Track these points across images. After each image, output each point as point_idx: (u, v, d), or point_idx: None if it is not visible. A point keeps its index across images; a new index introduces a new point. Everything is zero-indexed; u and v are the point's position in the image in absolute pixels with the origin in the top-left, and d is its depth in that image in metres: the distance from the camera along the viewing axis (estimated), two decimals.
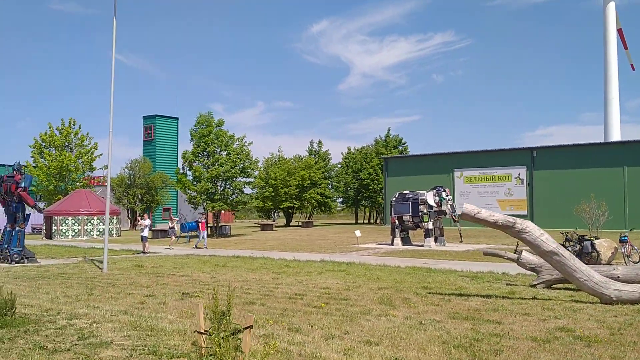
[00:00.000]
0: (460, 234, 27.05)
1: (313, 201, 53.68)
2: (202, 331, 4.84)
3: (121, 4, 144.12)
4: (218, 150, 36.01)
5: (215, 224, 37.17)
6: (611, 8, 57.56)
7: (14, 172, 20.19)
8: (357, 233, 27.46)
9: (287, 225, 56.04)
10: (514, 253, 13.45)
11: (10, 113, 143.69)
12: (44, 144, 45.24)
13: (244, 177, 36.18)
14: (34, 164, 44.51)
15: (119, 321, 7.85)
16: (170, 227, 25.11)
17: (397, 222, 26.82)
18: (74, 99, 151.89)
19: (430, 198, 26.02)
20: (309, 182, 52.45)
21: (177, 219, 26.41)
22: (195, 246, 25.79)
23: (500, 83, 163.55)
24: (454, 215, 26.13)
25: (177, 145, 63.36)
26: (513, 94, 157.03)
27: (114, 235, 39.35)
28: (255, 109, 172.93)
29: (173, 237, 26.11)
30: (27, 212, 20.47)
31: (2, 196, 20.23)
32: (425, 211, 25.98)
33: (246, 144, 36.78)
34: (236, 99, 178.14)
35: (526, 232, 10.47)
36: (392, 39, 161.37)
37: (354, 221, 66.36)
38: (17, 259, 19.30)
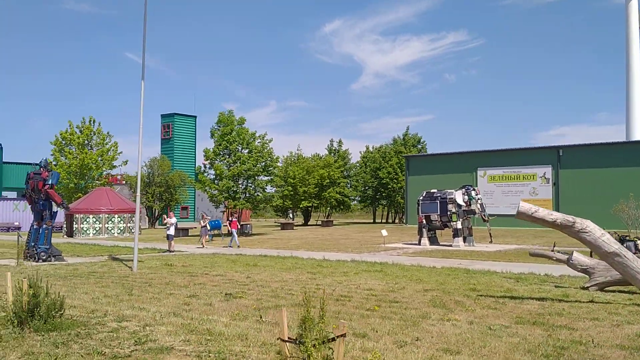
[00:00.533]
0: (490, 234, 26.47)
1: (332, 200, 53.20)
2: (288, 339, 4.41)
3: (136, 5, 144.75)
4: (239, 148, 35.69)
5: (241, 224, 36.86)
6: (634, 6, 56.49)
7: (41, 169, 19.98)
8: (384, 232, 26.99)
9: (305, 224, 55.65)
10: (554, 252, 12.95)
11: (25, 113, 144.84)
12: (64, 142, 45.25)
13: (265, 175, 35.82)
14: (54, 162, 44.51)
15: (172, 324, 7.46)
16: (202, 226, 24.59)
17: (424, 221, 26.31)
18: (89, 99, 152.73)
19: (459, 197, 25.48)
20: (328, 180, 51.99)
21: (210, 217, 25.76)
22: (229, 245, 25.20)
23: (512, 83, 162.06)
24: (484, 215, 25.57)
25: (195, 144, 63.27)
26: (526, 94, 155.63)
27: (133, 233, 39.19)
28: (268, 108, 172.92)
29: (206, 236, 25.42)
30: (53, 209, 20.25)
31: (29, 194, 20.03)
32: (454, 210, 25.45)
33: (267, 141, 36.44)
34: (249, 99, 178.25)
35: (586, 232, 9.96)
36: (404, 38, 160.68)
37: (371, 220, 65.82)
38: (44, 257, 19.08)
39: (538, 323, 7.91)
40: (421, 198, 26.81)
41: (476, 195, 25.52)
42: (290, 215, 52.41)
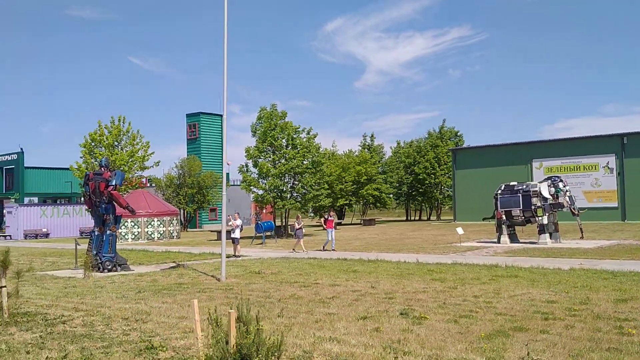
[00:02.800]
0: (581, 228, 24.20)
1: (370, 197, 50.99)
2: None
3: (138, 9, 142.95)
4: (284, 144, 33.64)
5: (284, 224, 34.81)
6: None
7: (102, 169, 17.97)
8: (459, 231, 24.80)
9: (339, 224, 53.49)
10: None
11: (31, 119, 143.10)
12: (93, 144, 43.29)
13: (313, 172, 33.73)
14: (84, 164, 42.59)
15: None
16: (297, 228, 22.15)
17: (504, 217, 24.09)
18: (94, 105, 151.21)
19: (545, 189, 23.25)
20: (365, 177, 49.79)
21: (302, 219, 23.50)
22: (324, 248, 22.74)
23: (517, 77, 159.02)
24: (574, 208, 23.35)
25: (223, 143, 61.18)
26: (531, 88, 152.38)
27: (174, 237, 37.26)
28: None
29: (301, 241, 22.76)
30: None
31: (88, 196, 18.04)
32: (539, 204, 23.18)
33: (312, 136, 34.34)
34: (253, 99, 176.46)
35: None
36: (407, 34, 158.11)
37: (404, 218, 63.56)
38: (109, 267, 17.07)
39: None
40: (499, 192, 24.59)
41: (564, 187, 23.28)
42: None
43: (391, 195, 56.00)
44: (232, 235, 21.49)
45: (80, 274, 16.87)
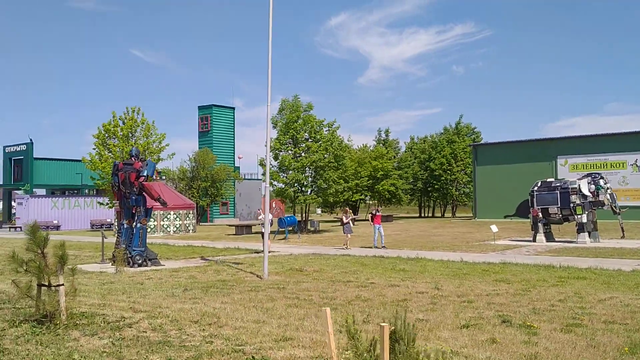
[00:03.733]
0: (622, 228, 23.33)
1: (386, 193, 50.09)
2: None
3: (140, 0, 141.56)
4: (306, 137, 32.77)
5: (305, 219, 34.00)
6: None
7: (132, 159, 17.14)
8: (494, 228, 23.93)
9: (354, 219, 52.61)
10: None
11: (33, 112, 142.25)
12: (107, 135, 42.40)
13: (335, 166, 32.85)
14: (97, 157, 41.74)
15: None
16: (345, 223, 21.04)
17: (540, 214, 23.24)
18: (96, 97, 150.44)
19: (585, 186, 22.39)
20: (382, 172, 48.89)
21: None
22: (374, 245, 21.43)
23: (520, 74, 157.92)
24: (615, 207, 22.47)
25: (234, 136, 60.41)
26: (534, 85, 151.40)
27: (190, 231, 36.46)
28: (275, 103, 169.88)
29: (348, 235, 21.32)
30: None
31: (116, 187, 17.22)
32: (578, 202, 22.32)
33: (335, 129, 33.45)
34: (255, 94, 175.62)
35: None
36: (411, 30, 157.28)
37: (417, 214, 62.69)
38: (139, 261, 16.26)
39: None
40: (536, 188, 23.74)
41: (605, 184, 22.40)
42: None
43: (405, 192, 55.08)
44: (262, 230, 20.61)
45: (109, 268, 16.10)
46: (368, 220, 23.03)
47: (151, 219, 34.88)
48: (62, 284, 6.77)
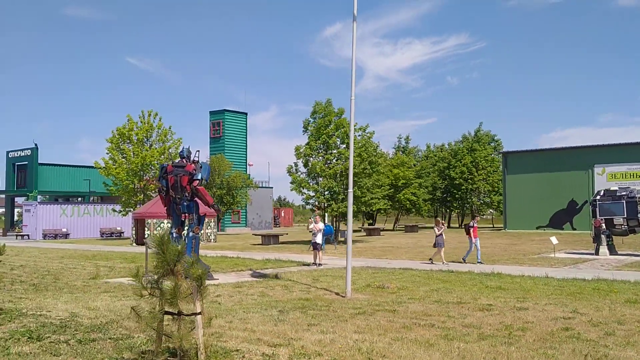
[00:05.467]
0: None
1: (407, 202, 48.45)
2: None
3: (136, 9, 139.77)
4: (338, 142, 31.18)
5: (336, 229, 32.29)
6: None
7: (183, 160, 15.45)
8: (554, 240, 22.32)
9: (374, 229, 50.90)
10: None
11: (27, 117, 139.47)
12: (121, 140, 40.67)
13: (369, 173, 31.26)
14: (112, 162, 40.01)
15: None
16: (438, 234, 18.94)
17: (604, 226, 21.65)
18: (91, 104, 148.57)
19: None
20: (403, 181, 47.28)
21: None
22: (479, 261, 18.68)
23: (515, 85, 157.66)
24: None
25: (246, 143, 58.76)
26: (528, 97, 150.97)
27: (212, 240, 34.69)
28: (269, 112, 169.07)
29: (442, 250, 18.54)
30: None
31: (165, 192, 15.53)
32: None
33: (369, 134, 31.89)
34: (249, 102, 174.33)
35: None
36: (406, 41, 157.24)
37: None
38: None
39: None
40: (599, 197, 22.16)
41: None
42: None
43: (427, 201, 53.43)
44: (314, 240, 18.95)
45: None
46: (461, 231, 20.30)
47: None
48: (200, 313, 5.09)
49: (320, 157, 31.24)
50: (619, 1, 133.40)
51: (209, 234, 34.52)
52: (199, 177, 14.80)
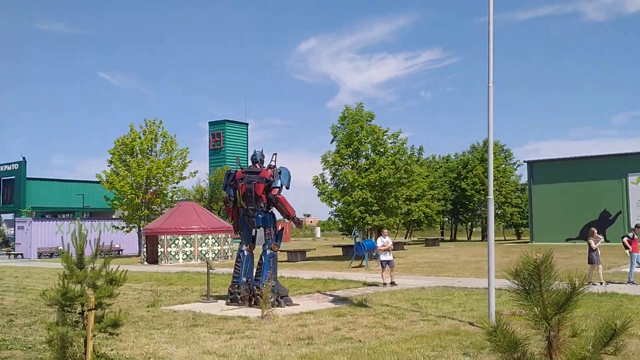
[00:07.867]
0: None
1: (421, 215, 46.36)
2: None
3: (111, 24, 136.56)
4: (369, 150, 29.12)
5: None
6: None
7: (256, 166, 13.14)
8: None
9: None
10: None
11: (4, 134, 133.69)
12: (123, 151, 37.87)
13: (404, 182, 29.21)
14: (114, 174, 37.19)
15: None
16: (593, 250, 15.93)
17: None
18: (64, 119, 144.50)
19: None
20: (417, 193, 45.13)
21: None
22: (630, 281, 15.75)
23: (487, 99, 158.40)
24: None
25: (247, 154, 56.32)
26: (501, 110, 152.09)
27: (229, 257, 32.13)
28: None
29: (598, 267, 15.75)
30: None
31: (232, 203, 13.21)
32: None
33: (402, 141, 29.88)
34: (225, 117, 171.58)
35: None
36: (380, 56, 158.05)
37: (448, 237, 58.81)
38: (271, 300, 12.17)
39: None
40: None
41: None
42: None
43: (440, 214, 51.48)
44: (383, 258, 16.68)
45: (221, 307, 12.12)
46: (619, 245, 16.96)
47: (187, 244, 30.51)
48: None
49: (349, 167, 29.11)
50: (590, 15, 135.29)
51: (226, 251, 31.99)
52: (279, 184, 12.50)
